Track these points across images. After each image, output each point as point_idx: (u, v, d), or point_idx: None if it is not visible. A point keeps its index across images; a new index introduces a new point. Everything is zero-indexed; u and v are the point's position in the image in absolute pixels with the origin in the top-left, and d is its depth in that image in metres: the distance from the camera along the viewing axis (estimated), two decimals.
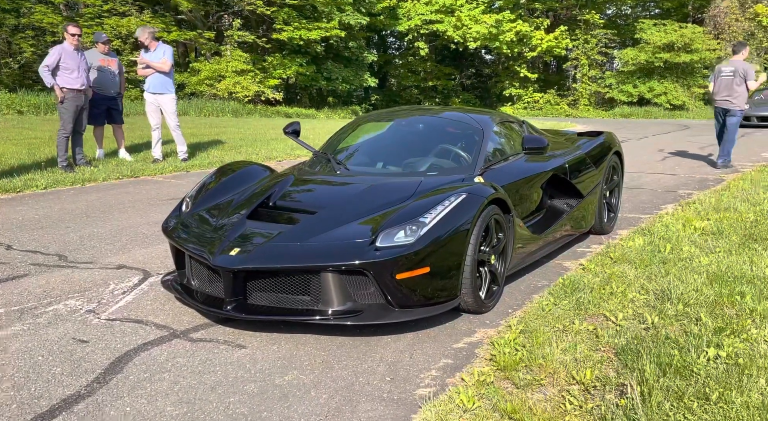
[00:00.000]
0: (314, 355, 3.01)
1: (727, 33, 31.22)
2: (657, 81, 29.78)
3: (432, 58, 36.79)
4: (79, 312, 3.57)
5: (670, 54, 28.89)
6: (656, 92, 29.47)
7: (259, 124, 17.89)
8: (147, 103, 9.07)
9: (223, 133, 13.87)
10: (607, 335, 3.04)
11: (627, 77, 30.91)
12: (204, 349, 3.09)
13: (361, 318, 3.05)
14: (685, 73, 29.89)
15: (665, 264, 4.01)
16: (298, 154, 10.60)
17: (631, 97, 30.31)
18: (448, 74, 37.93)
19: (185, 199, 4.01)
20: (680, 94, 29.30)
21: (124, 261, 4.55)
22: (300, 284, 3.15)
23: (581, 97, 32.71)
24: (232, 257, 3.15)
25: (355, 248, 3.06)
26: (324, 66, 29.59)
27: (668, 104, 29.13)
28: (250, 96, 24.78)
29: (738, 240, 4.42)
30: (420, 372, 2.81)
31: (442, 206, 3.20)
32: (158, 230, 5.39)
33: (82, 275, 4.22)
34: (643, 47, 29.88)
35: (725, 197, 6.10)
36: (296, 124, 4.87)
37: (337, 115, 28.37)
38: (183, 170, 8.84)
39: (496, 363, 2.78)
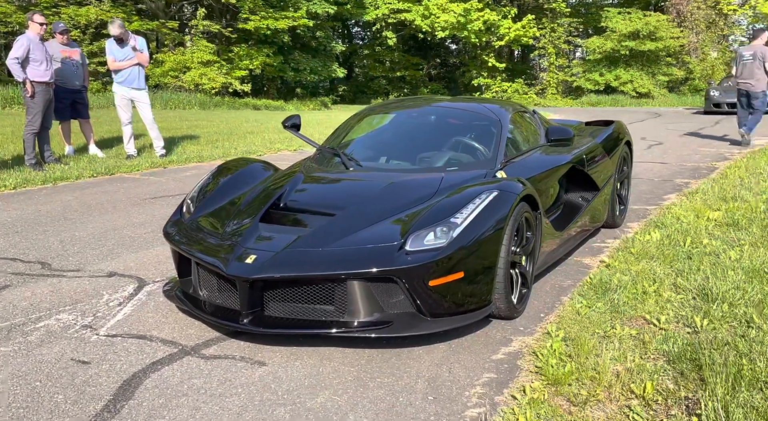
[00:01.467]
0: (343, 371, 2.76)
1: (689, 21, 31.73)
2: (623, 69, 30.09)
3: (399, 48, 36.51)
4: (74, 328, 3.26)
5: (636, 42, 29.19)
6: (622, 80, 29.77)
7: (230, 116, 17.40)
8: (118, 98, 8.61)
9: (196, 126, 13.39)
10: (654, 341, 2.87)
11: (593, 66, 31.15)
12: (220, 367, 2.81)
13: (391, 330, 2.80)
14: (650, 61, 30.25)
15: (691, 259, 3.87)
16: (279, 148, 10.27)
17: (598, 85, 30.57)
18: (415, 64, 37.69)
19: (185, 201, 3.71)
20: (646, 82, 29.65)
21: (115, 268, 4.22)
22: (323, 293, 2.89)
23: (549, 86, 32.88)
24: (249, 265, 2.87)
25: (384, 253, 2.81)
26: (291, 56, 29.08)
27: (634, 92, 29.46)
28: (217, 88, 24.14)
29: (759, 232, 4.31)
30: (464, 389, 2.59)
31: (473, 205, 2.98)
32: (145, 233, 5.07)
33: (70, 285, 3.88)
34: (609, 36, 30.13)
35: (726, 186, 6.04)
36: (296, 117, 4.58)
37: (306, 107, 27.91)
38: (160, 166, 8.43)
39: (544, 377, 2.59)
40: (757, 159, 7.93)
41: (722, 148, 9.79)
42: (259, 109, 23.72)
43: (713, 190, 5.88)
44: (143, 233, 5.11)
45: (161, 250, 4.61)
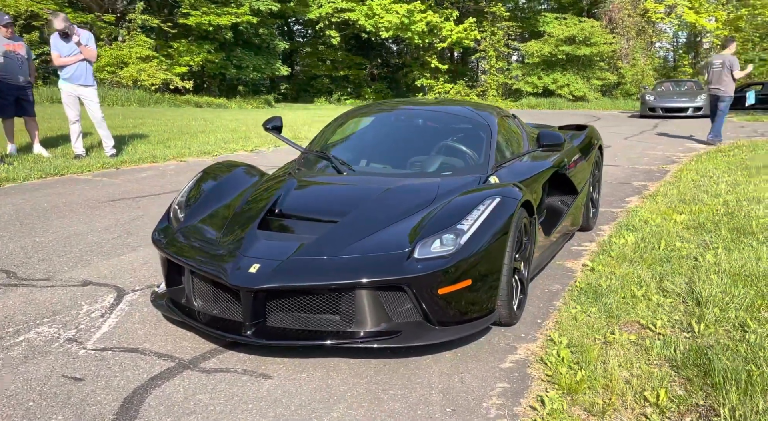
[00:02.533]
0: (353, 384, 2.70)
1: (621, 28, 33.06)
2: (560, 73, 31.02)
3: (342, 48, 36.40)
4: (58, 342, 3.08)
5: (572, 47, 30.14)
6: (559, 84, 30.69)
7: (175, 115, 16.89)
8: (65, 95, 8.22)
9: (142, 125, 12.92)
10: (655, 347, 2.91)
11: (532, 69, 31.98)
12: (224, 382, 2.71)
13: (400, 339, 2.74)
14: (585, 66, 31.31)
15: (669, 262, 4.00)
16: (234, 149, 10.04)
17: (537, 88, 31.40)
18: (359, 64, 37.68)
19: (172, 207, 3.57)
20: (581, 85, 30.68)
21: (88, 276, 4.02)
22: (328, 302, 2.82)
23: (490, 88, 33.54)
24: (253, 274, 2.78)
25: (393, 261, 2.77)
26: (233, 53, 28.51)
27: (571, 96, 30.42)
28: (157, 84, 23.38)
29: (728, 235, 4.51)
30: (480, 400, 2.56)
31: (478, 211, 2.97)
32: (112, 238, 4.86)
33: (44, 296, 3.68)
34: (547, 40, 31.01)
35: (683, 189, 6.31)
36: (276, 119, 4.49)
37: (250, 105, 27.42)
38: (113, 167, 8.09)
39: (558, 386, 2.59)
40: (703, 162, 8.33)
41: (667, 151, 10.24)
42: (201, 107, 23.13)
43: (672, 193, 6.14)
44: (110, 238, 4.89)
45: (133, 257, 4.43)
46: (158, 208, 5.90)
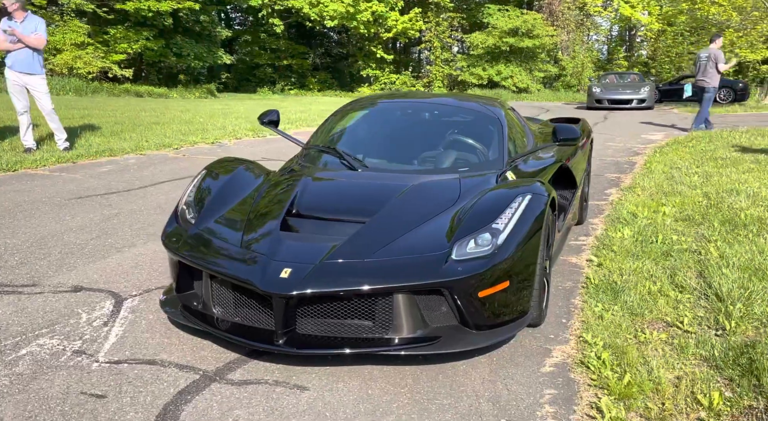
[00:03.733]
0: (395, 394, 2.57)
1: (561, 20, 33.88)
2: (504, 65, 31.55)
3: (285, 36, 35.75)
4: (65, 355, 2.85)
5: (515, 39, 30.69)
6: (503, 75, 31.22)
7: (120, 105, 16.16)
8: (10, 84, 7.69)
9: (89, 115, 12.27)
10: (690, 346, 2.87)
11: (476, 60, 32.38)
12: (258, 394, 2.54)
13: (439, 346, 2.63)
14: (528, 58, 31.96)
15: (673, 257, 4.04)
16: (194, 141, 9.66)
17: (481, 79, 31.84)
18: (302, 53, 37.12)
19: (180, 207, 3.34)
20: (524, 77, 31.31)
21: (78, 281, 3.75)
22: (362, 307, 2.68)
23: (435, 79, 33.77)
24: (286, 279, 2.61)
25: (432, 263, 2.66)
26: (173, 41, 27.53)
27: (514, 87, 31.00)
28: (94, 73, 22.31)
29: (720, 227, 4.61)
30: (533, 409, 2.45)
31: (511, 209, 2.89)
32: (91, 239, 4.57)
33: (35, 304, 3.40)
34: (491, 32, 31.43)
35: (659, 181, 6.47)
36: (273, 113, 4.29)
37: (192, 95, 26.58)
38: (69, 161, 7.63)
39: (608, 391, 2.52)
40: (667, 154, 8.58)
41: (628, 143, 10.54)
42: (142, 97, 22.25)
43: (650, 185, 6.28)
44: (89, 239, 4.59)
45: (120, 259, 4.17)
46: (131, 206, 5.60)
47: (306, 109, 17.06)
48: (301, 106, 19.44)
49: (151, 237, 4.67)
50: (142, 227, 4.94)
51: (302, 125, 12.67)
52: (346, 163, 3.64)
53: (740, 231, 4.53)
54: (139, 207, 5.59)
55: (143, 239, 4.64)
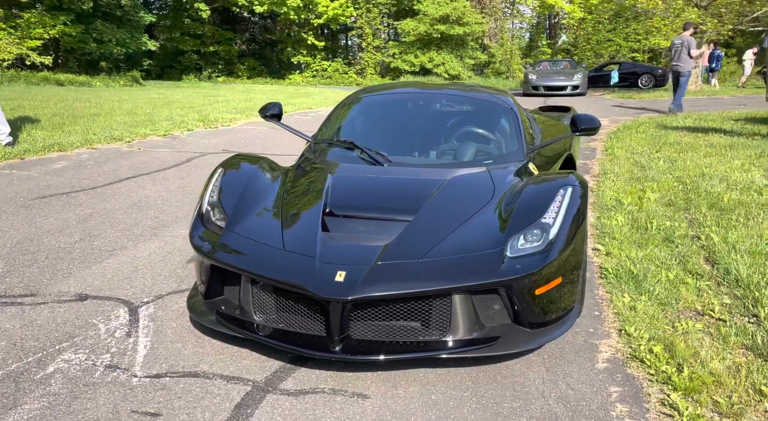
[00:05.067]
0: (460, 398, 2.48)
1: (488, 8, 34.52)
2: (435, 52, 31.83)
3: (211, 22, 34.62)
4: (98, 370, 2.68)
5: (446, 26, 31.00)
6: (435, 62, 31.50)
7: (50, 94, 15.17)
8: None
9: (21, 107, 11.44)
10: (731, 335, 2.89)
11: (408, 47, 32.50)
12: (319, 405, 2.45)
13: (498, 347, 2.56)
14: (458, 45, 32.38)
15: (674, 243, 4.14)
16: (146, 134, 9.21)
17: (414, 66, 32.00)
18: (229, 39, 36.09)
19: (204, 208, 3.16)
20: (456, 64, 31.72)
21: (80, 289, 3.52)
22: (418, 310, 2.60)
23: (368, 66, 33.66)
24: (342, 283, 2.50)
25: (489, 262, 2.59)
26: (93, 26, 26.12)
27: (446, 74, 31.35)
28: (10, 60, 20.85)
29: (708, 213, 4.77)
30: (605, 409, 2.41)
31: (557, 203, 2.86)
32: (76, 242, 4.30)
33: (42, 315, 3.17)
34: (422, 19, 31.61)
35: (627, 167, 6.68)
36: (276, 106, 4.14)
37: (117, 83, 25.35)
38: (17, 157, 7.11)
39: (673, 387, 2.50)
40: (622, 139, 8.87)
41: None
42: (63, 85, 21.04)
43: (620, 171, 6.49)
44: (72, 242, 4.32)
45: (117, 263, 3.95)
46: (104, 205, 5.29)
47: (249, 98, 16.61)
48: (240, 94, 18.92)
49: (140, 238, 4.44)
50: (126, 228, 4.68)
51: (252, 115, 12.33)
52: (366, 158, 3.56)
53: (730, 216, 4.67)
54: (114, 206, 5.29)
55: (132, 240, 4.40)
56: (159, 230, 4.64)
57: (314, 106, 15.34)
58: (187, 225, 4.75)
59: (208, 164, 7.24)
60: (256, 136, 9.73)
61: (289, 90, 23.32)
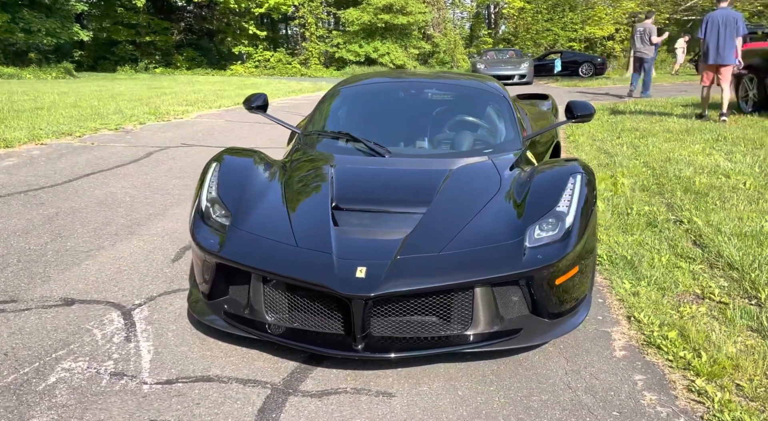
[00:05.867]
0: (487, 393, 2.43)
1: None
2: (380, 42, 31.79)
3: (146, 11, 33.42)
4: (104, 378, 2.53)
5: (390, 15, 30.99)
6: (380, 52, 31.49)
7: None
8: None
9: None
10: (736, 318, 2.93)
11: (353, 37, 32.34)
12: (345, 405, 2.37)
13: (521, 339, 2.53)
14: (403, 35, 32.44)
15: (658, 228, 4.20)
16: (96, 128, 8.80)
17: (359, 56, 31.88)
18: (166, 29, 34.95)
19: (203, 204, 3.01)
20: (401, 54, 31.78)
21: (63, 293, 3.32)
22: (440, 303, 2.55)
23: (311, 56, 33.28)
24: (363, 279, 2.42)
25: (511, 253, 2.55)
26: (20, 15, 24.81)
27: (392, 64, 31.38)
28: None
29: (685, 197, 4.86)
30: (635, 398, 2.40)
31: (569, 191, 2.83)
32: (46, 243, 4.08)
33: (29, 322, 2.98)
34: (365, 8, 31.49)
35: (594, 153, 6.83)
36: (261, 97, 4.00)
37: (48, 75, 24.22)
38: None
39: (695, 372, 2.52)
40: (581, 126, 9.03)
41: None
42: None
43: (586, 158, 6.63)
44: (43, 243, 4.07)
45: (96, 264, 3.75)
46: (68, 203, 5.03)
47: (197, 90, 16.13)
48: (185, 86, 18.36)
49: (115, 238, 4.23)
50: (98, 227, 4.46)
51: (204, 107, 11.98)
52: (363, 150, 3.47)
53: (706, 199, 4.75)
54: (79, 204, 5.03)
55: (108, 240, 4.19)
56: (134, 229, 4.44)
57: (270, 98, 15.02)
58: (163, 222, 4.58)
59: (169, 158, 6.99)
60: (213, 129, 9.46)
61: (235, 81, 22.79)
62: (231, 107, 12.55)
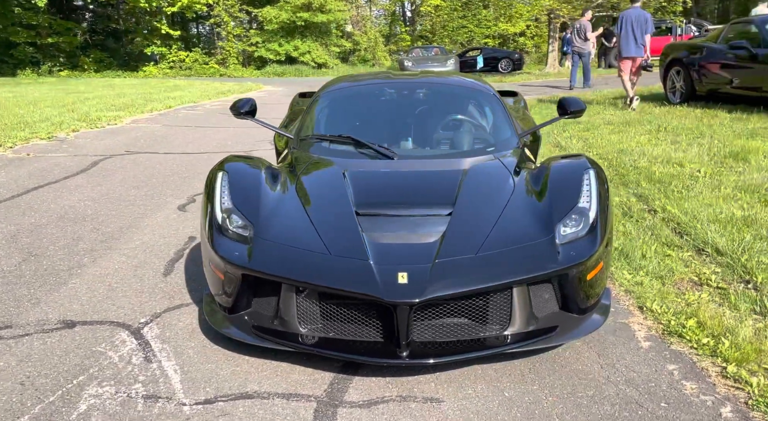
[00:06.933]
0: (534, 393, 2.43)
1: None
2: (300, 40, 31.50)
3: (47, 11, 31.52)
4: (138, 402, 2.42)
5: (309, 13, 30.77)
6: (301, 51, 31.21)
7: None
8: None
9: None
10: (740, 303, 3.04)
11: (272, 36, 31.86)
12: (398, 414, 2.32)
13: (558, 336, 2.55)
14: (323, 33, 32.29)
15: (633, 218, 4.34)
16: (26, 138, 8.25)
17: (279, 55, 31.46)
18: (69, 29, 33.11)
19: (219, 216, 2.88)
20: (322, 53, 31.63)
21: (60, 315, 3.14)
22: (478, 305, 2.55)
23: (230, 56, 32.52)
24: (407, 285, 2.41)
25: (545, 252, 2.57)
26: None
27: (313, 62, 31.20)
28: None
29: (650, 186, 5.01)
30: (677, 388, 2.43)
31: (587, 187, 2.86)
32: (20, 263, 3.85)
33: (34, 348, 2.81)
34: (283, 6, 31.10)
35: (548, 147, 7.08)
36: (248, 102, 3.90)
37: None
38: None
39: (723, 358, 2.58)
40: None
41: None
42: None
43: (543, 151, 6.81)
44: (15, 263, 3.82)
45: (83, 284, 3.56)
46: (27, 219, 4.73)
47: (120, 94, 15.42)
48: (105, 90, 17.46)
49: (93, 254, 4.02)
50: (70, 243, 4.22)
51: (135, 112, 11.49)
52: (366, 153, 3.45)
53: (671, 188, 4.89)
54: (39, 220, 4.74)
55: (86, 256, 3.98)
56: (111, 243, 4.24)
57: (197, 100, 14.59)
58: (139, 235, 4.40)
59: (119, 168, 6.68)
60: (154, 135, 9.10)
61: (154, 83, 21.92)
62: (164, 111, 12.10)
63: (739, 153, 5.91)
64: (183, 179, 6.18)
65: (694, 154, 6.09)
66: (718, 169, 5.53)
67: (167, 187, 5.85)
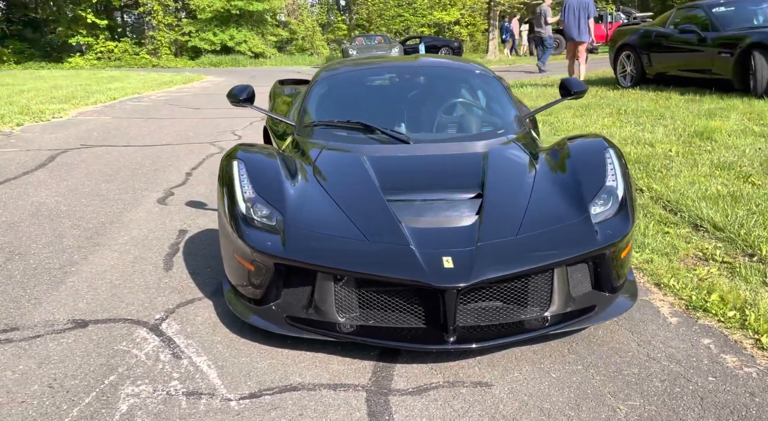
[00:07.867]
0: (582, 374, 2.41)
1: None
2: (235, 29, 30.76)
3: None
4: (180, 400, 2.32)
5: (244, 2, 30.06)
6: (237, 40, 30.51)
7: None
8: None
9: None
10: (750, 276, 3.09)
11: (205, 25, 30.97)
12: (454, 400, 2.29)
13: (596, 316, 2.55)
14: (259, 22, 31.64)
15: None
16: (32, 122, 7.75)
17: (214, 45, 30.63)
18: None
19: (243, 205, 2.78)
20: (258, 42, 31.01)
21: (68, 315, 2.98)
22: (518, 287, 2.51)
23: (161, 46, 31.41)
24: (452, 269, 2.38)
25: (583, 231, 2.57)
26: None
27: (250, 52, 30.55)
28: None
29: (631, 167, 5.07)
30: (717, 361, 2.45)
31: (611, 165, 2.89)
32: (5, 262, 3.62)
33: (52, 350, 2.65)
34: None
35: None
36: (246, 89, 3.78)
37: None
38: None
39: (754, 330, 2.62)
40: None
41: None
42: None
43: None
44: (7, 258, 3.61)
45: (82, 281, 3.39)
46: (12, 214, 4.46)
47: (56, 86, 14.63)
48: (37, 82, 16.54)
49: (82, 251, 3.82)
50: (53, 241, 4.00)
51: (79, 104, 10.95)
52: (379, 138, 3.39)
53: (651, 168, 4.99)
54: (11, 218, 4.47)
55: (75, 254, 3.79)
56: (97, 240, 4.04)
57: (141, 91, 14.04)
58: (126, 231, 4.23)
59: (80, 161, 6.37)
60: (106, 127, 8.72)
61: (86, 75, 20.90)
62: (108, 103, 11.60)
63: (704, 132, 6.18)
64: (153, 172, 5.96)
65: (662, 134, 6.35)
66: (689, 148, 5.75)
67: (138, 180, 5.63)
